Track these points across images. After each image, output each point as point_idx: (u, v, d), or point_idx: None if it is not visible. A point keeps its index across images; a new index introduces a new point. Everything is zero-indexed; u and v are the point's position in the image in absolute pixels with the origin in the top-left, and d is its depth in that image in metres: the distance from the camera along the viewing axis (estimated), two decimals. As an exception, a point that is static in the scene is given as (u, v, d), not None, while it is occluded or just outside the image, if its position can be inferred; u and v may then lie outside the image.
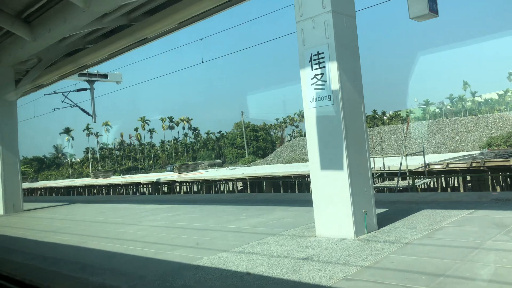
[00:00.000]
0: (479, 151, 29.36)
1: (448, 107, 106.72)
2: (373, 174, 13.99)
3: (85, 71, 24.86)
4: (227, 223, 7.61)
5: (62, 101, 31.68)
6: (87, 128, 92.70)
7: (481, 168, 17.67)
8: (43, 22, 11.73)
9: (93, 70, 29.68)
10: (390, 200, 8.24)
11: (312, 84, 5.84)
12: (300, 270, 4.39)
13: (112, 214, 10.90)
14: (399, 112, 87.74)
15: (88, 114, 32.91)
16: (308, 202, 6.30)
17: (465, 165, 18.03)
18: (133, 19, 12.06)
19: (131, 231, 7.84)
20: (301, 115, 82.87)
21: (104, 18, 11.53)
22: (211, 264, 4.94)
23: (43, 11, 11.53)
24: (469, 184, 18.95)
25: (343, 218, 5.61)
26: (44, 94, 30.12)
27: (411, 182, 17.11)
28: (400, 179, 17.21)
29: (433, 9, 6.41)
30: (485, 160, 17.80)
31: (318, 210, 5.89)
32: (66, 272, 5.33)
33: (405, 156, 17.79)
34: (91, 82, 33.03)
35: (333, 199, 5.72)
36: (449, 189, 19.78)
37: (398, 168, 17.24)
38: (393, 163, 19.17)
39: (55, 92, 30.85)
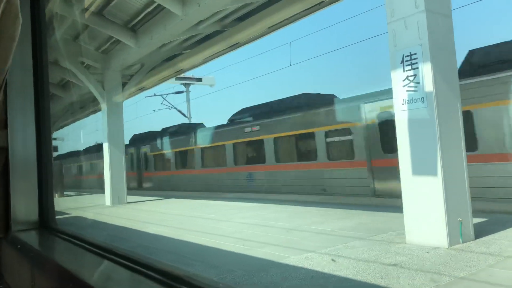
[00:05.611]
0: None
1: None
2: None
3: (182, 75, 26.57)
4: (313, 225, 7.68)
5: (161, 103, 34.38)
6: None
7: None
8: (146, 30, 12.85)
9: (188, 74, 31.62)
10: (490, 209, 7.64)
11: (404, 86, 5.67)
12: (388, 276, 4.32)
13: (205, 210, 11.56)
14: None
15: (184, 115, 35.22)
16: (397, 208, 6.12)
17: None
18: (225, 25, 12.69)
19: (222, 227, 8.27)
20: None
21: (199, 25, 12.29)
22: (297, 264, 5.06)
23: (146, 20, 12.64)
24: None
25: (436, 226, 5.37)
26: (145, 97, 32.94)
27: None
28: None
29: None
30: None
31: (408, 216, 5.70)
32: (164, 260, 5.83)
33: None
34: (187, 85, 35.27)
35: (425, 205, 5.49)
36: None
37: None
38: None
39: (155, 95, 33.54)
